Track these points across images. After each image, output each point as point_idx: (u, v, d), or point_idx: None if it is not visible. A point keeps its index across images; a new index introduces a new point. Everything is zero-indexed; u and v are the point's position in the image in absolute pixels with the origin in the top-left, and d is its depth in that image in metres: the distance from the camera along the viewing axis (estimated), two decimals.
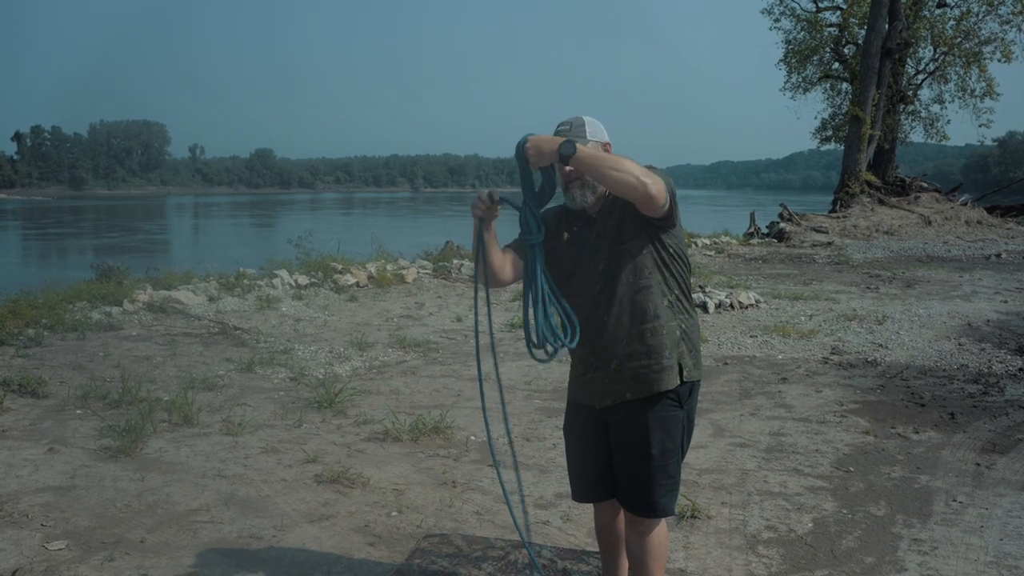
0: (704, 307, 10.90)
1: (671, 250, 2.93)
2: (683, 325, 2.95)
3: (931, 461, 5.33)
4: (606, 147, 2.97)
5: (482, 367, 3.09)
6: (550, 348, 2.90)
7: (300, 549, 3.99)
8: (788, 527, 4.31)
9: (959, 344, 9.01)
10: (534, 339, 2.90)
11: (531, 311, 2.91)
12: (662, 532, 3.05)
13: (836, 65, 33.02)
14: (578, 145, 2.70)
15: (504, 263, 3.00)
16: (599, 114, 3.02)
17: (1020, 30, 29.57)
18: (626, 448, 2.98)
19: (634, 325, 2.89)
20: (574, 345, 2.89)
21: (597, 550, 3.45)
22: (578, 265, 2.97)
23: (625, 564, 3.24)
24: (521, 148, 2.77)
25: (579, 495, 3.24)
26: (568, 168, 2.89)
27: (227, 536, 4.11)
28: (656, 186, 2.66)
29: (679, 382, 2.91)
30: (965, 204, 29.79)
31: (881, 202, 27.99)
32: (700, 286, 12.18)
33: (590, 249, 2.93)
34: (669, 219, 2.84)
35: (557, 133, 2.94)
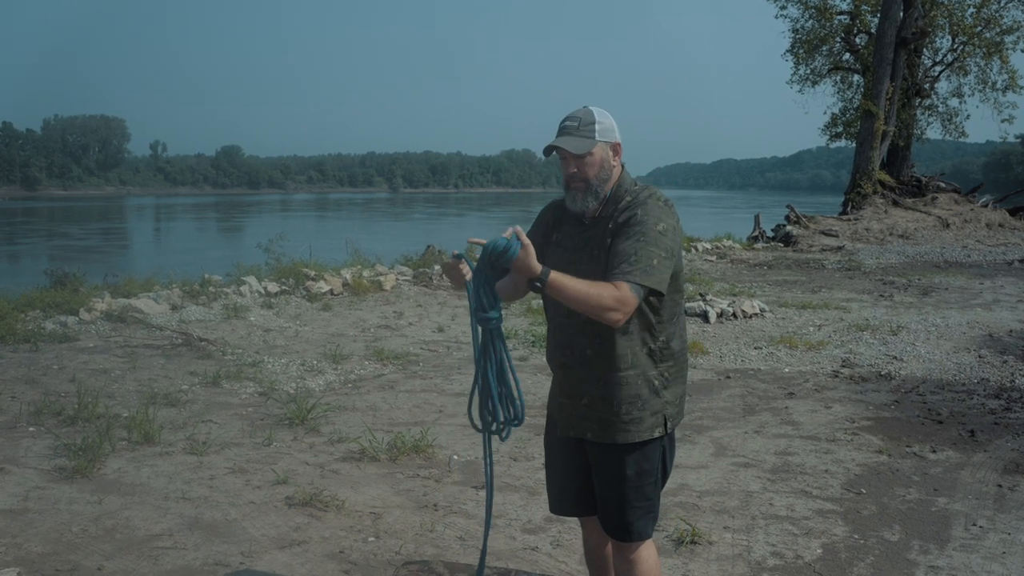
0: (705, 316, 10.93)
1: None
2: (666, 373, 2.95)
3: (949, 482, 5.36)
4: (615, 147, 2.92)
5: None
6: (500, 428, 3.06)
7: None
8: (795, 553, 4.33)
9: (979, 356, 9.08)
10: (487, 418, 3.04)
11: (487, 387, 2.98)
12: (651, 556, 3.07)
13: (847, 56, 33.12)
14: (552, 275, 2.61)
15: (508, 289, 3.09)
16: None
17: None
18: (600, 468, 3.01)
19: (612, 370, 2.88)
20: (517, 424, 3.04)
21: None
22: None
23: None
24: (500, 252, 2.62)
25: (556, 507, 3.29)
26: (572, 170, 2.88)
27: (191, 563, 4.10)
28: (622, 312, 2.65)
29: (662, 434, 2.94)
30: (986, 205, 29.99)
31: (895, 203, 28.16)
32: (701, 294, 12.23)
33: (585, 257, 2.86)
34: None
35: (562, 129, 2.89)
